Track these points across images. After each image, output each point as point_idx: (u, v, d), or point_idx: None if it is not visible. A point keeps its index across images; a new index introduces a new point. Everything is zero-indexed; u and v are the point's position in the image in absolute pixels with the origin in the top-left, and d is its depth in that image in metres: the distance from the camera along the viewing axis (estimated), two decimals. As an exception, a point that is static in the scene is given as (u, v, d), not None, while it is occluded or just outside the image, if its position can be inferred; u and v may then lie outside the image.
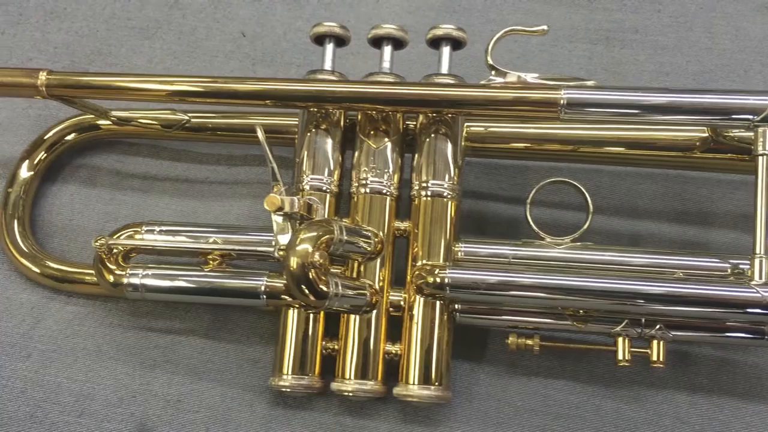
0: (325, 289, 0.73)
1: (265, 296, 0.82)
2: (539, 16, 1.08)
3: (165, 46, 1.08)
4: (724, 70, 1.03)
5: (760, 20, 1.05)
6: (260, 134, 0.78)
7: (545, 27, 0.83)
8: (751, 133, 0.78)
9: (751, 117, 0.76)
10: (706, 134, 0.85)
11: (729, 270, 0.80)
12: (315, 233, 0.73)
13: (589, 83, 0.79)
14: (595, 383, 0.87)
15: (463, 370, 0.87)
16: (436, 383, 0.79)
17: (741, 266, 0.80)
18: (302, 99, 0.83)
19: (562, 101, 0.78)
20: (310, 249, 0.72)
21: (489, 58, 0.82)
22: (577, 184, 0.85)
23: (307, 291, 0.73)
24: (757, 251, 0.75)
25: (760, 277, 0.74)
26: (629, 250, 0.82)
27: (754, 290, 0.73)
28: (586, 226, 0.83)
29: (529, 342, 0.82)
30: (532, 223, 0.84)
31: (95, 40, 1.09)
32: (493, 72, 0.82)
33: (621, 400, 0.86)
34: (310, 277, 0.72)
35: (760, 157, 0.76)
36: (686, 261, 0.80)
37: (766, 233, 0.75)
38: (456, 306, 0.81)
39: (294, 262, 0.72)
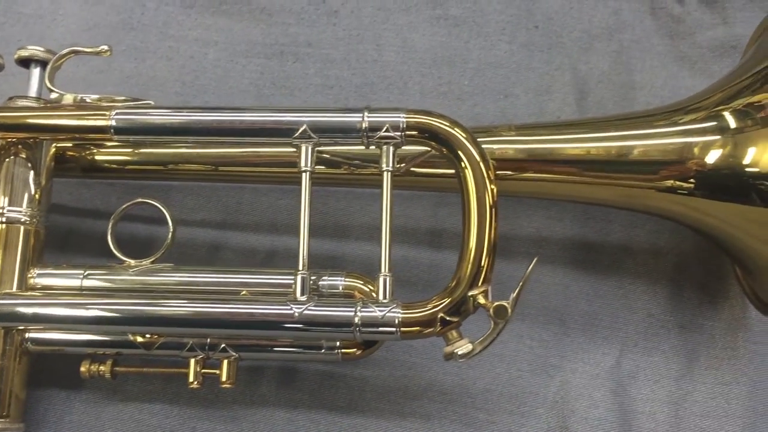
0: None
1: None
2: (220, 32, 1.07)
3: None
4: (386, 82, 1.03)
5: (428, 31, 1.06)
6: None
7: (105, 47, 0.81)
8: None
9: (290, 134, 0.75)
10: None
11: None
12: None
13: (145, 103, 0.78)
14: (195, 405, 0.86)
15: (58, 398, 0.86)
16: (4, 415, 0.77)
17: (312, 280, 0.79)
18: None
19: (111, 123, 0.76)
20: None
21: (47, 81, 0.80)
22: (156, 203, 0.83)
23: None
24: (300, 268, 0.75)
25: (302, 294, 0.74)
26: (202, 270, 0.81)
27: (289, 307, 0.73)
28: (167, 244, 0.82)
29: (102, 368, 0.80)
30: (112, 245, 0.82)
31: None
32: (52, 94, 0.80)
33: (218, 421, 0.85)
34: None
35: (303, 174, 0.76)
36: (257, 279, 0.79)
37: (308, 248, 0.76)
38: (27, 334, 0.79)
39: None
